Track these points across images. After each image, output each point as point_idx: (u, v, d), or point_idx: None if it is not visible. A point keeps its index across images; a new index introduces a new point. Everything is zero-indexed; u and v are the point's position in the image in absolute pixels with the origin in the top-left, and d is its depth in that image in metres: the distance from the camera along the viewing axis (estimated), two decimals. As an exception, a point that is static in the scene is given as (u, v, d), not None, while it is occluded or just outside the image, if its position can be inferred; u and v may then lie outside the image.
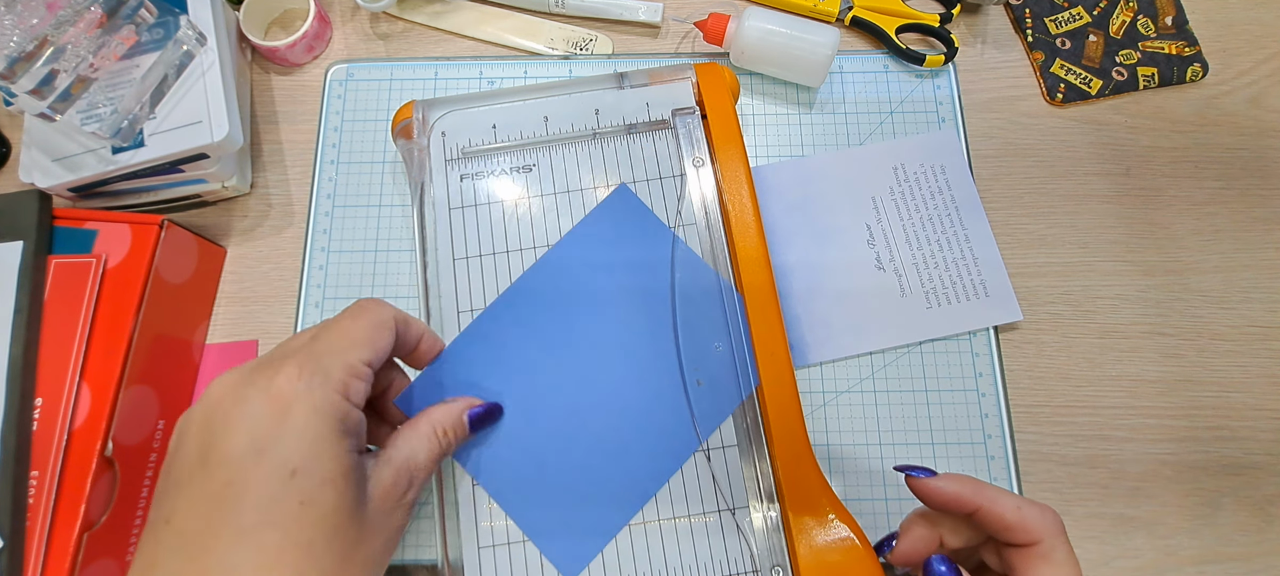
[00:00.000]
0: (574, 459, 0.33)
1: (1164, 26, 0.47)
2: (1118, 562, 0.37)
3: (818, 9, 0.46)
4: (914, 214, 0.42)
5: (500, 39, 0.46)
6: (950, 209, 0.42)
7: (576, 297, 0.35)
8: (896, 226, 0.41)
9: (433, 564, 0.36)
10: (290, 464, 0.23)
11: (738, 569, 0.32)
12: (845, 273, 0.41)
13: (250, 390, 0.24)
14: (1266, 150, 0.45)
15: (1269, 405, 0.40)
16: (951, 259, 0.41)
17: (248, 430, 0.23)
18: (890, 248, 0.41)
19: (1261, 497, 0.38)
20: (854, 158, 0.43)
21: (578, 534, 0.33)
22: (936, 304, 0.40)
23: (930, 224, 0.42)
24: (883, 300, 0.40)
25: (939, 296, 0.40)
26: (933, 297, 0.40)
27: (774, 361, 0.34)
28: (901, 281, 0.40)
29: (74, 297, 0.34)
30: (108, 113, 0.36)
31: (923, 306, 0.40)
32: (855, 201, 0.42)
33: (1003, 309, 0.40)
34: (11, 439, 0.31)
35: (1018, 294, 0.41)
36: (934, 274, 0.40)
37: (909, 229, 0.41)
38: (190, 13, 0.39)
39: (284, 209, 0.43)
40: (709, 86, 0.38)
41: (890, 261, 0.41)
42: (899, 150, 0.43)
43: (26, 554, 0.31)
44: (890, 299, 0.40)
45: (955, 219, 0.42)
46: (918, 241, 0.41)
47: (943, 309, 0.40)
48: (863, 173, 0.43)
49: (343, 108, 0.44)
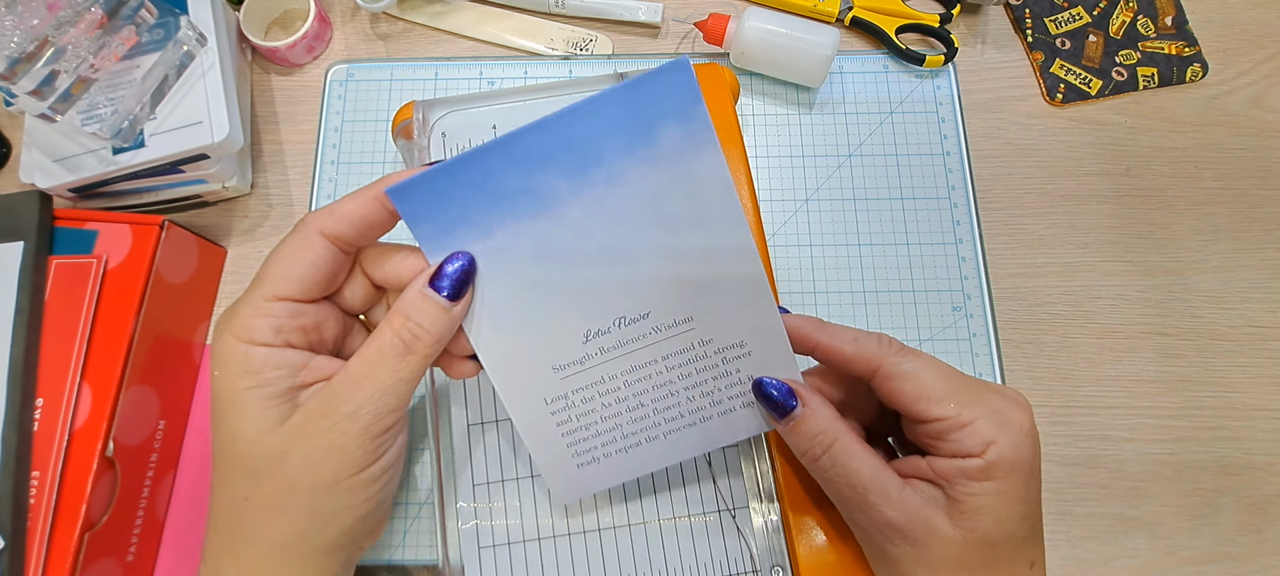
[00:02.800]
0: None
1: (1164, 26, 0.47)
2: (1117, 562, 0.37)
3: (818, 9, 0.46)
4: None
5: (500, 39, 0.46)
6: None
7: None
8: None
9: (433, 564, 0.36)
10: (214, 403, 0.26)
11: (737, 569, 0.32)
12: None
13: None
14: (1266, 150, 0.45)
15: (1269, 405, 0.40)
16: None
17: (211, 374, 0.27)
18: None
19: (1261, 498, 0.38)
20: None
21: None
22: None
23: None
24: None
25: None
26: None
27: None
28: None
29: (75, 298, 0.34)
30: (108, 113, 0.36)
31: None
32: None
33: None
34: (12, 439, 0.31)
35: (1018, 294, 0.41)
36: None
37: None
38: (190, 13, 0.39)
39: (284, 209, 0.43)
40: (709, 87, 0.38)
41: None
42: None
43: (27, 554, 0.31)
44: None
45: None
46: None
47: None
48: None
49: (343, 108, 0.45)
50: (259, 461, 0.25)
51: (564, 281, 0.27)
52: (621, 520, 0.33)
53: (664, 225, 0.27)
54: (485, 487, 0.33)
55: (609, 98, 0.25)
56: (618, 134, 0.26)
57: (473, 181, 0.26)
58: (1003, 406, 0.27)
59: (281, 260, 0.26)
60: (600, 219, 0.27)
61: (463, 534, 0.32)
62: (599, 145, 0.26)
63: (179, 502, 0.37)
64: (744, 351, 0.29)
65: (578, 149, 0.26)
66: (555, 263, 0.27)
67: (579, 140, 0.26)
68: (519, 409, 0.29)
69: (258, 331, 0.25)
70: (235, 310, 0.26)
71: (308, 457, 0.25)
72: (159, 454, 0.36)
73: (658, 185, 0.26)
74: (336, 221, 0.26)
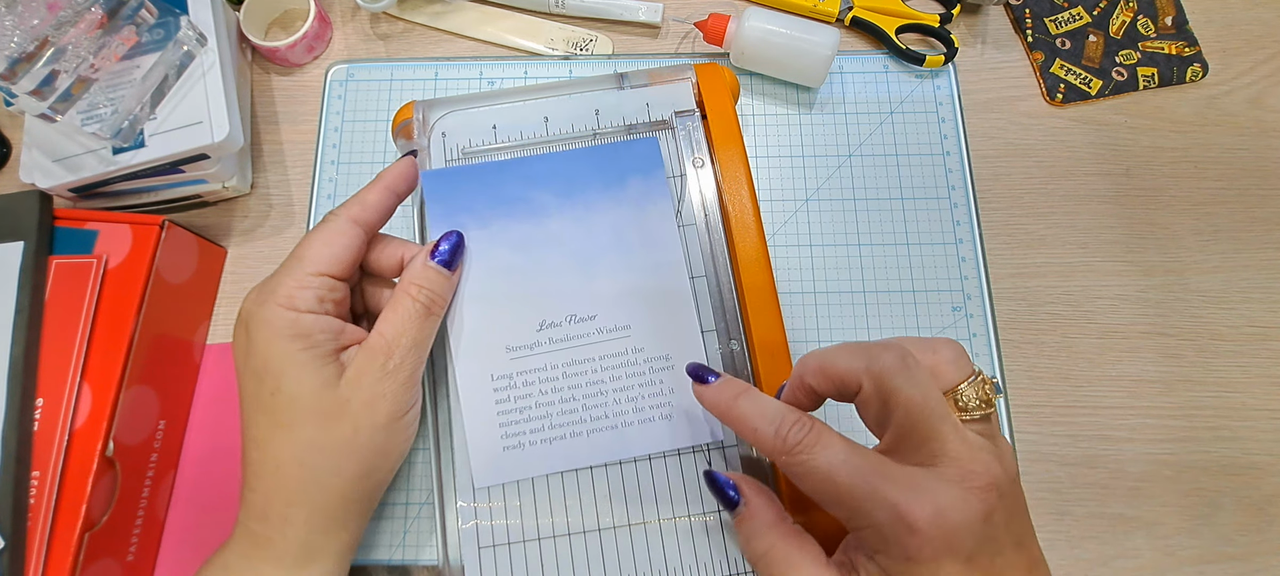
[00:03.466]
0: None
1: (1164, 26, 0.47)
2: (1117, 562, 0.37)
3: (818, 9, 0.46)
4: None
5: (500, 39, 0.46)
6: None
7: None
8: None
9: (433, 564, 0.36)
10: (256, 368, 0.29)
11: (737, 569, 0.32)
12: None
13: (238, 319, 0.30)
14: (1266, 150, 0.45)
15: (1269, 405, 0.40)
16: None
17: (239, 346, 0.30)
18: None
19: (1261, 497, 0.38)
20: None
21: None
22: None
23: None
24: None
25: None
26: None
27: (774, 361, 0.34)
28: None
29: (75, 298, 0.34)
30: (108, 113, 0.36)
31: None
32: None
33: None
34: (12, 439, 0.31)
35: (1018, 294, 0.41)
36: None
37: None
38: (190, 13, 0.39)
39: (284, 209, 0.43)
40: (709, 87, 0.38)
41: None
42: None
43: (28, 554, 0.31)
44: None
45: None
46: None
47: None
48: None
49: (343, 108, 0.45)
50: (329, 409, 0.29)
51: (534, 272, 0.34)
52: (621, 520, 0.33)
53: (620, 245, 0.35)
54: (485, 488, 0.33)
55: (599, 151, 0.36)
56: (600, 175, 0.36)
57: (485, 183, 0.35)
58: (932, 485, 0.23)
59: (320, 243, 0.31)
60: (574, 231, 0.35)
61: (463, 534, 0.32)
62: (585, 179, 0.36)
63: (179, 502, 0.37)
64: (668, 364, 0.34)
65: (568, 179, 0.35)
66: (531, 256, 0.34)
67: (571, 173, 0.36)
68: (467, 380, 0.33)
69: (304, 301, 0.29)
70: (275, 284, 0.30)
71: (367, 403, 0.29)
72: (159, 454, 0.36)
73: (621, 216, 0.35)
74: (366, 209, 0.32)
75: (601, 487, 0.33)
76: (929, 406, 0.24)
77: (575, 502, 0.33)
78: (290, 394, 0.29)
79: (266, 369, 0.29)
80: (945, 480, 0.23)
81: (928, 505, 0.23)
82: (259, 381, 0.29)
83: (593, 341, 0.34)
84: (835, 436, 0.25)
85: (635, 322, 0.34)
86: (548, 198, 0.35)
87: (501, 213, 0.35)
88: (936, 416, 0.24)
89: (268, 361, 0.29)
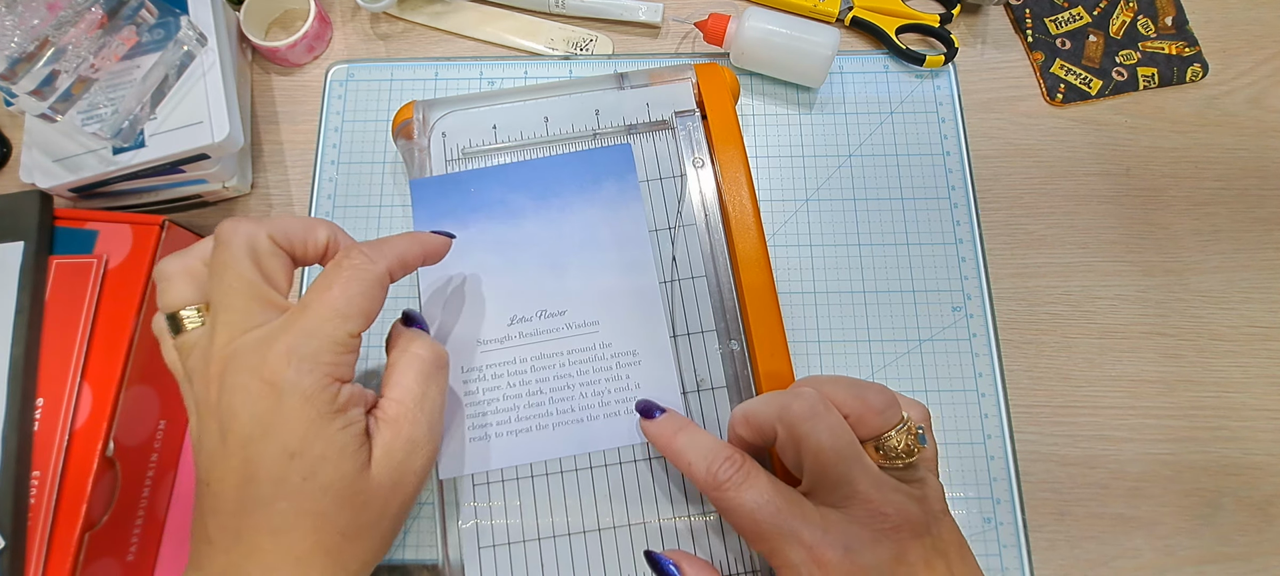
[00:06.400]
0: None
1: (1164, 26, 0.47)
2: (1118, 562, 0.37)
3: (818, 9, 0.46)
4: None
5: (500, 39, 0.46)
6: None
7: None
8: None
9: (433, 563, 0.36)
10: (289, 447, 0.25)
11: (737, 569, 0.32)
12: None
13: (248, 377, 0.25)
14: (1266, 150, 0.45)
15: (1269, 405, 0.40)
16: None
17: (251, 414, 0.25)
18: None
19: (1261, 497, 0.38)
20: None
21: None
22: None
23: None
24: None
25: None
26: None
27: (774, 361, 0.34)
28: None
29: (75, 298, 0.34)
30: (109, 113, 0.36)
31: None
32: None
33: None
34: (13, 439, 0.31)
35: (1018, 294, 0.41)
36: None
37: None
38: (191, 13, 0.39)
39: (284, 209, 0.43)
40: (709, 87, 0.38)
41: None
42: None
43: (28, 554, 0.31)
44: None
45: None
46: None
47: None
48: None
49: (343, 108, 0.45)
50: (369, 498, 0.26)
51: (508, 271, 0.35)
52: (621, 520, 0.33)
53: (593, 245, 0.36)
54: (485, 487, 0.33)
55: (574, 157, 0.37)
56: (575, 179, 0.37)
57: (466, 189, 0.37)
58: (842, 526, 0.25)
59: (363, 298, 0.27)
60: (548, 232, 0.36)
61: (463, 533, 0.32)
62: (561, 184, 0.37)
63: (179, 502, 0.37)
64: (635, 360, 0.34)
65: (546, 183, 0.37)
66: (506, 256, 0.36)
67: (548, 178, 0.37)
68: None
69: (344, 368, 0.26)
70: (314, 348, 0.25)
71: (401, 484, 0.27)
72: (159, 454, 0.36)
73: (594, 217, 0.36)
74: (404, 267, 0.29)
75: (601, 487, 0.33)
76: (838, 450, 0.26)
77: (575, 502, 0.33)
78: (324, 483, 0.25)
79: (303, 451, 0.25)
80: (855, 521, 0.25)
81: (837, 545, 0.24)
82: (288, 461, 0.25)
83: (562, 336, 0.34)
84: (763, 476, 0.27)
85: (604, 319, 0.35)
86: (525, 201, 0.36)
87: (481, 216, 0.36)
88: (845, 460, 0.25)
89: (306, 443, 0.25)
